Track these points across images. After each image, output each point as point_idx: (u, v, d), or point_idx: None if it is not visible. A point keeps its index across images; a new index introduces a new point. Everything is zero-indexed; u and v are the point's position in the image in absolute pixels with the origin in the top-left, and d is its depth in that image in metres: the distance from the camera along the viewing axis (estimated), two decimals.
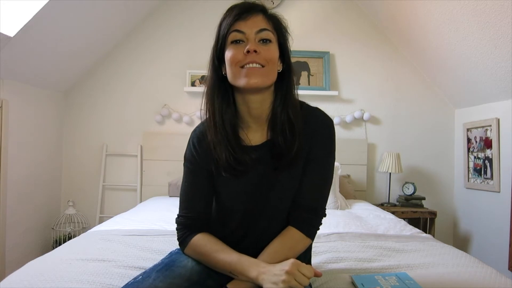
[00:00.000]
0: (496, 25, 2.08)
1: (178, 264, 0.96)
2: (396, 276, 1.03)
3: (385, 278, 1.02)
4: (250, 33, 0.88)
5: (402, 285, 0.97)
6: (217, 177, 0.99)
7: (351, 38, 3.25)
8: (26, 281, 1.09)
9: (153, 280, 0.88)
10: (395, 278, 1.01)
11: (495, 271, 1.26)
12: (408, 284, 0.97)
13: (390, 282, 0.98)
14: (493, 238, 2.65)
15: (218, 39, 0.92)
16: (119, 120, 3.20)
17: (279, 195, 0.97)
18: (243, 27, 0.88)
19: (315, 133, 0.96)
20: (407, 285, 0.97)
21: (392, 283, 0.98)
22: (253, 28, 0.89)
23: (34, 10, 2.06)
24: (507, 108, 2.53)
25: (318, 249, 1.50)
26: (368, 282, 0.95)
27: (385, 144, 3.24)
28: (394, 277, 1.02)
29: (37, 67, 2.57)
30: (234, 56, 0.88)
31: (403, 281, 0.99)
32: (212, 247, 0.94)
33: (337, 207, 2.47)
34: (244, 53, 0.87)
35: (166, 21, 3.22)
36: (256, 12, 0.91)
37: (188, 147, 1.02)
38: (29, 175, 2.69)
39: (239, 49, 0.88)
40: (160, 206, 2.46)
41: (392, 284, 0.97)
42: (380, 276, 1.03)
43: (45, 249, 2.82)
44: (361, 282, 0.99)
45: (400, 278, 1.01)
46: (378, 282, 0.98)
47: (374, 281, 0.99)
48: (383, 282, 0.98)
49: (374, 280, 1.00)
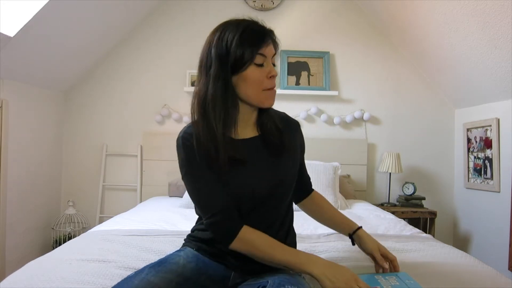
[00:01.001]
0: (496, 25, 2.08)
1: (170, 260, 0.99)
2: (396, 276, 1.03)
3: (385, 278, 1.02)
4: (269, 57, 0.99)
5: (402, 285, 0.97)
6: (222, 173, 0.99)
7: (351, 38, 3.25)
8: (26, 281, 1.09)
9: (145, 274, 0.91)
10: (395, 278, 1.01)
11: (495, 271, 1.26)
12: (408, 284, 0.97)
13: (390, 282, 0.98)
14: (493, 238, 2.65)
15: (236, 55, 0.94)
16: (119, 120, 3.20)
17: (280, 177, 1.05)
18: (266, 52, 0.97)
19: (296, 133, 1.15)
20: (407, 285, 0.96)
21: (392, 283, 0.97)
22: (270, 54, 0.99)
23: (34, 10, 2.06)
24: (507, 108, 2.53)
25: (318, 249, 1.50)
26: (368, 282, 0.95)
27: (385, 144, 3.24)
28: (394, 277, 1.02)
29: (37, 67, 2.57)
30: (258, 79, 0.97)
31: (403, 281, 0.99)
32: (265, 242, 0.96)
33: (337, 207, 2.47)
34: (267, 77, 0.98)
35: (166, 21, 3.22)
36: (270, 37, 0.99)
37: (185, 151, 1.01)
38: (29, 175, 2.69)
39: (262, 72, 0.97)
40: (160, 206, 2.46)
41: (392, 284, 0.97)
42: (380, 276, 1.02)
43: (45, 249, 2.82)
44: None
45: (400, 278, 1.01)
46: (378, 282, 0.98)
47: (374, 281, 0.99)
48: (383, 282, 0.98)
49: (374, 280, 0.99)
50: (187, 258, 1.01)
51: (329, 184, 2.56)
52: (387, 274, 1.05)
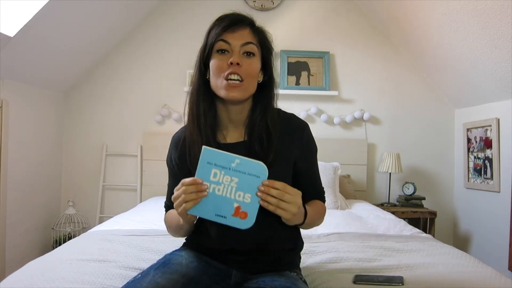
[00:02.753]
0: (496, 25, 2.08)
1: (173, 262, 0.99)
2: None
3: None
4: (235, 45, 0.94)
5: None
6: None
7: (351, 38, 3.25)
8: (26, 281, 1.09)
9: (152, 276, 0.91)
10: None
11: (495, 271, 1.26)
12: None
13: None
14: (493, 238, 2.65)
15: (205, 46, 0.98)
16: (119, 120, 3.20)
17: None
18: (230, 38, 0.94)
19: (296, 137, 1.04)
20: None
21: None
22: (239, 41, 0.94)
23: (34, 10, 2.06)
24: (507, 108, 2.53)
25: (318, 249, 1.50)
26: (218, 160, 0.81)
27: (385, 144, 3.24)
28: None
29: (37, 67, 2.57)
30: (218, 66, 0.94)
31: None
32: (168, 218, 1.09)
33: (337, 207, 2.47)
34: (227, 64, 0.93)
35: (166, 21, 3.22)
36: (244, 25, 0.96)
37: (169, 150, 1.11)
38: (29, 175, 2.69)
39: (223, 59, 0.93)
40: (160, 206, 2.44)
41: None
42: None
43: (45, 249, 2.82)
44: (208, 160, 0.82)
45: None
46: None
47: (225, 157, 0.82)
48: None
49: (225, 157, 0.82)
50: (189, 258, 1.02)
51: (329, 184, 2.56)
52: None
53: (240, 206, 0.82)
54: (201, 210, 0.83)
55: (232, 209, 0.82)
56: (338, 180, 2.70)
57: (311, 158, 1.07)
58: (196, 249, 1.07)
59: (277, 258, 1.04)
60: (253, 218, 0.82)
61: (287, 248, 1.07)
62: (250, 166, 0.81)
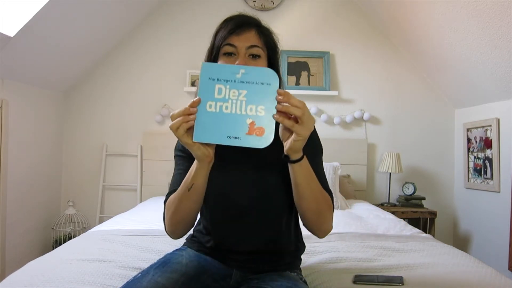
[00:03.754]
0: (496, 25, 2.08)
1: (173, 261, 0.99)
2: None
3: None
4: (241, 48, 0.94)
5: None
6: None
7: (351, 38, 3.25)
8: (26, 281, 1.09)
9: (152, 276, 0.91)
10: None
11: (495, 271, 1.26)
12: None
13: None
14: (493, 238, 2.65)
15: (212, 48, 0.98)
16: (119, 120, 3.20)
17: (263, 193, 0.99)
18: (236, 41, 0.94)
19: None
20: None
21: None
22: (244, 43, 0.95)
23: (34, 10, 2.06)
24: (507, 108, 2.53)
25: (318, 249, 1.50)
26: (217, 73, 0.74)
27: (385, 144, 3.24)
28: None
29: (37, 67, 2.57)
30: None
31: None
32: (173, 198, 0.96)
33: (337, 207, 2.47)
34: None
35: (166, 21, 3.22)
36: (249, 28, 0.97)
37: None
38: (29, 175, 2.69)
39: (229, 62, 0.94)
40: (160, 206, 2.44)
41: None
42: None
43: (45, 249, 2.82)
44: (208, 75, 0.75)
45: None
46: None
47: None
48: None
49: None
50: (189, 258, 1.02)
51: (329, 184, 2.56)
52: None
53: (254, 122, 0.73)
54: (210, 134, 0.74)
55: (245, 127, 0.74)
56: (338, 180, 2.70)
57: (314, 158, 1.00)
58: (197, 248, 1.07)
59: (278, 259, 1.04)
60: (272, 133, 0.74)
61: (289, 250, 1.07)
62: (258, 74, 0.74)
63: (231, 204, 1.00)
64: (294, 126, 0.75)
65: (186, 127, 0.75)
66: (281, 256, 1.04)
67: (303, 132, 0.76)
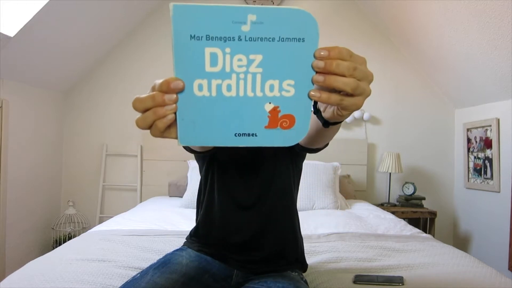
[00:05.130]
0: (496, 25, 2.08)
1: (173, 261, 0.99)
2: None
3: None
4: None
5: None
6: (213, 170, 1.02)
7: (351, 38, 3.25)
8: (26, 281, 1.09)
9: (151, 276, 0.91)
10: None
11: (495, 271, 1.26)
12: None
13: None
14: (493, 238, 2.65)
15: None
16: (119, 120, 3.20)
17: (269, 194, 1.02)
18: None
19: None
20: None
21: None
22: None
23: (34, 10, 2.06)
24: (507, 108, 2.53)
25: (318, 249, 1.50)
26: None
27: (385, 144, 3.24)
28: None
29: (37, 67, 2.57)
30: None
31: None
32: None
33: (337, 207, 2.47)
34: None
35: (166, 21, 3.22)
36: None
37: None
38: (29, 175, 2.69)
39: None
40: (160, 206, 2.46)
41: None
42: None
43: (45, 249, 2.83)
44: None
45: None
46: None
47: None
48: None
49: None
50: (190, 258, 1.01)
51: (329, 184, 2.56)
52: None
53: (277, 107, 0.45)
54: (205, 134, 0.45)
55: (264, 116, 0.45)
56: (338, 180, 2.70)
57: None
58: (197, 249, 1.07)
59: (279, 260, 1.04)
60: (307, 122, 0.46)
61: (291, 250, 1.07)
62: (282, 20, 0.42)
63: (237, 202, 1.01)
64: (343, 101, 0.47)
65: (163, 126, 0.45)
66: (283, 257, 1.04)
67: (354, 107, 0.48)
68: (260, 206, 1.01)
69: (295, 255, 1.08)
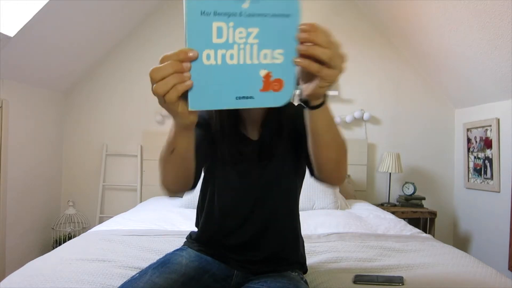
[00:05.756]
0: (496, 25, 2.08)
1: (173, 261, 0.98)
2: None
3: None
4: None
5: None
6: (216, 169, 1.02)
7: (351, 38, 3.25)
8: (26, 281, 1.09)
9: (150, 276, 0.90)
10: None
11: (495, 271, 1.26)
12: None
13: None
14: (493, 238, 2.65)
15: None
16: (119, 120, 3.20)
17: (271, 195, 1.02)
18: None
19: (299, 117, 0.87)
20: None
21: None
22: None
23: (34, 10, 2.06)
24: (507, 108, 2.53)
25: (318, 249, 1.50)
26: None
27: (385, 144, 3.24)
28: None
29: (37, 67, 2.57)
30: None
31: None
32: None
33: (337, 207, 2.47)
34: None
35: (166, 21, 3.22)
36: None
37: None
38: (29, 175, 2.69)
39: None
40: (160, 206, 2.46)
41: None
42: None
43: (45, 249, 2.82)
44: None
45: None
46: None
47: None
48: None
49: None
50: (190, 258, 1.01)
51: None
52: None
53: (270, 72, 0.55)
54: (213, 98, 0.54)
55: (259, 81, 0.55)
56: None
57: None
58: (198, 249, 1.07)
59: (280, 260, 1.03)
60: (292, 86, 0.56)
61: (292, 251, 1.07)
62: (273, 1, 0.54)
63: (239, 202, 1.01)
64: (322, 70, 0.57)
65: (182, 90, 0.53)
66: (283, 257, 1.04)
67: (332, 78, 0.58)
68: (263, 206, 1.01)
69: (296, 256, 1.08)
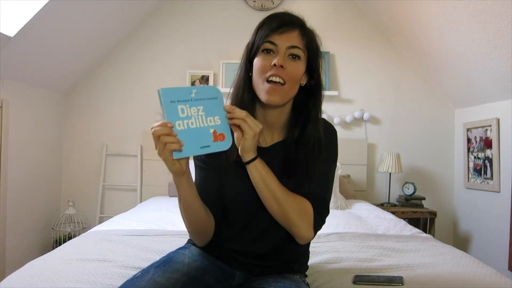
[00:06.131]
0: (496, 25, 2.08)
1: (175, 260, 0.98)
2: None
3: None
4: (281, 47, 0.93)
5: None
6: (224, 175, 1.00)
7: (351, 38, 3.25)
8: (26, 281, 1.09)
9: (152, 275, 0.90)
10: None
11: (495, 271, 1.26)
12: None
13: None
14: (493, 238, 2.65)
15: (253, 44, 0.97)
16: (119, 120, 3.20)
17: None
18: (277, 39, 0.93)
19: (329, 144, 1.03)
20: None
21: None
22: (285, 43, 0.93)
23: (34, 10, 2.06)
24: (507, 108, 2.53)
25: (318, 249, 1.50)
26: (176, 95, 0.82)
27: (385, 144, 3.24)
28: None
29: (37, 67, 2.57)
30: (261, 65, 0.93)
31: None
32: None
33: (337, 207, 2.47)
34: (271, 65, 0.92)
35: (166, 21, 3.22)
36: (293, 27, 0.96)
37: None
38: (29, 175, 2.69)
39: (268, 59, 0.93)
40: (160, 206, 2.46)
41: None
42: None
43: (45, 249, 2.82)
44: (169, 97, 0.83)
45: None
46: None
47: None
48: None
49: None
50: (192, 257, 1.00)
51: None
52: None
53: (216, 130, 0.84)
54: (186, 149, 0.81)
55: (211, 136, 0.84)
56: (338, 180, 2.70)
57: (323, 163, 0.99)
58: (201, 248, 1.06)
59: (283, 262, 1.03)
60: (230, 136, 0.86)
61: (299, 254, 1.06)
62: (207, 91, 0.85)
63: (242, 208, 1.00)
64: (243, 123, 0.85)
65: (175, 148, 0.79)
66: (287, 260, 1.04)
67: (249, 132, 0.85)
68: (265, 211, 0.97)
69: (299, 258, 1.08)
